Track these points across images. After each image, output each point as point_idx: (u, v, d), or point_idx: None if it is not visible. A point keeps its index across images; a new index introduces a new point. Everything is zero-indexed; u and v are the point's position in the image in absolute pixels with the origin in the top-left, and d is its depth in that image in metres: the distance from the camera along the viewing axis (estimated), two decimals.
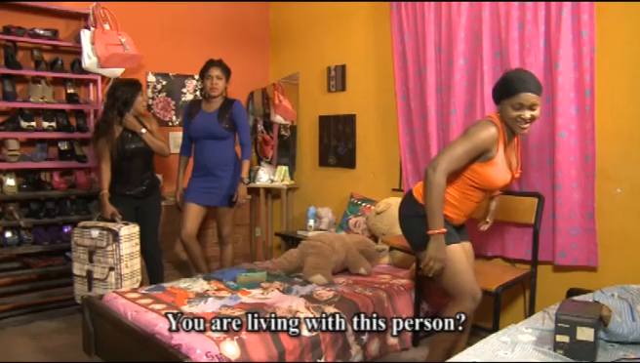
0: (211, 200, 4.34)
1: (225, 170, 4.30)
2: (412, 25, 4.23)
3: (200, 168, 4.35)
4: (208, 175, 4.30)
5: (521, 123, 2.65)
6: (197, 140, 4.34)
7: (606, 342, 2.46)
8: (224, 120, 4.27)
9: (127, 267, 3.81)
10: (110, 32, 4.49)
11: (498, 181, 2.78)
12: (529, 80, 2.66)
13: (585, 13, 3.28)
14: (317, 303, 3.24)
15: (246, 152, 4.36)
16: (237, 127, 4.31)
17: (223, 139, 4.28)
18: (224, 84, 4.34)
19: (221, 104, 4.32)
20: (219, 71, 4.29)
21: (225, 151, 4.32)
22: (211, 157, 4.28)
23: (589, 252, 3.40)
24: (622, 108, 3.28)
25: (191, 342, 2.65)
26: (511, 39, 3.60)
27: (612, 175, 3.33)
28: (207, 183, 4.30)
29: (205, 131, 4.27)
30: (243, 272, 3.84)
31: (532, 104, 2.62)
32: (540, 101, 2.67)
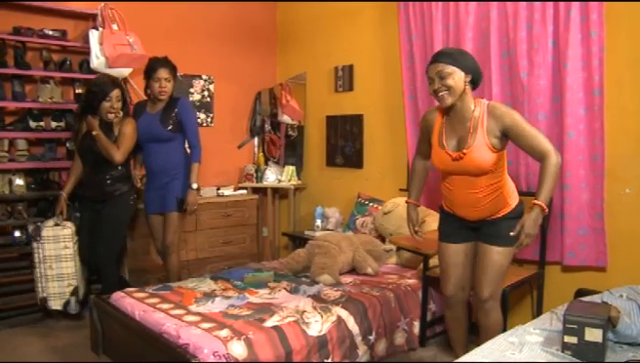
0: (159, 206, 4.06)
1: (173, 175, 4.02)
2: (419, 25, 4.22)
3: (149, 174, 4.10)
4: (157, 181, 4.03)
5: (435, 95, 2.70)
6: (143, 143, 4.04)
7: (614, 344, 2.45)
8: (168, 121, 3.97)
9: (52, 269, 3.79)
10: (118, 32, 4.51)
11: (436, 162, 2.86)
12: (435, 54, 2.75)
13: (594, 12, 3.26)
14: (324, 303, 3.24)
15: (194, 154, 4.03)
16: (184, 127, 4.02)
17: (169, 141, 3.99)
18: (173, 85, 4.06)
19: (166, 104, 4.03)
20: (167, 73, 3.98)
21: (172, 155, 4.02)
22: (157, 162, 4.02)
23: (598, 252, 3.38)
24: (632, 108, 3.26)
25: (198, 341, 2.65)
26: (519, 39, 3.59)
27: (620, 175, 3.31)
28: (158, 191, 4.03)
29: (148, 134, 3.97)
30: (250, 272, 3.85)
31: (438, 72, 2.64)
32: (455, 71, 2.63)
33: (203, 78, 5.42)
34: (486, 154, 2.66)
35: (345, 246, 3.89)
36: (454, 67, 2.63)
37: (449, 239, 2.98)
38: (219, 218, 5.04)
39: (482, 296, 2.89)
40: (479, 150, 2.66)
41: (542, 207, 2.55)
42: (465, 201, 2.82)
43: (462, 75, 2.65)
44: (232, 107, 5.66)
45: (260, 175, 5.53)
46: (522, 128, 2.61)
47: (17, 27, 4.20)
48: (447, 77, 2.62)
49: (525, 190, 3.64)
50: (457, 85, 2.64)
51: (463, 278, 2.99)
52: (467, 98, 2.71)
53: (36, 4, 4.27)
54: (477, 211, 2.81)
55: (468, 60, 2.70)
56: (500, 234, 2.78)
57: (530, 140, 2.60)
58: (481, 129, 2.66)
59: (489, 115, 2.67)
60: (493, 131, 2.65)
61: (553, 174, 2.56)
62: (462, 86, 2.66)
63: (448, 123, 2.80)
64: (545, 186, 2.55)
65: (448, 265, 2.99)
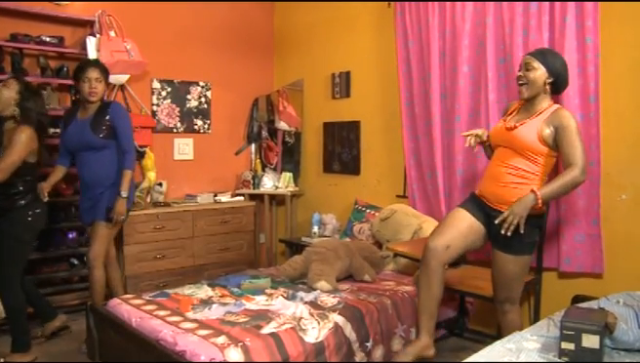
0: (91, 216, 3.77)
1: (107, 185, 3.73)
2: (416, 32, 4.23)
3: (82, 185, 3.82)
4: (90, 192, 3.74)
5: (517, 82, 2.90)
6: (75, 152, 3.77)
7: (611, 350, 2.45)
8: (100, 127, 3.67)
9: None
10: (116, 39, 4.52)
11: (492, 133, 3.08)
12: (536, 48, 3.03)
13: (590, 19, 3.28)
14: (321, 310, 3.23)
15: (127, 160, 3.72)
16: (117, 132, 3.72)
17: (101, 149, 3.70)
18: (104, 87, 3.77)
19: (97, 110, 3.73)
20: (97, 73, 3.68)
21: (105, 163, 3.73)
22: (89, 171, 3.73)
23: (594, 258, 3.39)
24: (627, 114, 3.27)
25: (195, 348, 2.65)
26: (515, 45, 3.61)
27: (616, 181, 3.32)
28: (90, 201, 3.76)
29: (79, 142, 3.70)
30: (247, 279, 3.84)
31: (526, 63, 2.85)
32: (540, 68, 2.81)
33: (200, 85, 5.43)
34: (533, 136, 2.78)
35: (342, 252, 3.88)
36: (540, 64, 2.81)
37: (464, 205, 3.03)
38: (216, 224, 5.03)
39: (498, 297, 3.00)
40: (529, 130, 2.79)
41: (537, 195, 2.66)
42: (495, 172, 2.91)
43: (545, 74, 2.82)
44: (229, 114, 5.67)
45: (258, 181, 5.53)
46: (569, 132, 2.71)
47: (14, 34, 4.21)
48: (530, 70, 2.81)
49: None
50: (536, 80, 2.81)
51: (455, 241, 2.92)
52: (544, 96, 2.86)
53: (34, 11, 4.28)
54: (495, 189, 2.88)
55: (557, 64, 2.85)
56: (512, 242, 2.80)
57: (569, 147, 2.71)
58: (541, 119, 2.80)
59: (553, 112, 2.80)
60: (548, 124, 2.77)
61: (566, 182, 2.69)
62: (542, 84, 2.82)
63: (520, 110, 2.97)
64: (552, 185, 2.70)
65: (448, 224, 2.97)
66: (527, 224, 2.74)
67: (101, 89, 3.72)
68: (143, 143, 4.88)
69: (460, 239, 2.93)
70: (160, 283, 4.57)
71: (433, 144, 4.10)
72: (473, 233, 2.96)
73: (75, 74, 3.73)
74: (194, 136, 5.42)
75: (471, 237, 2.96)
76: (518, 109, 2.99)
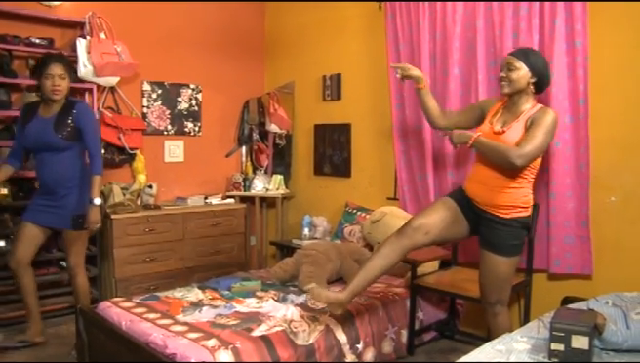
0: (52, 221, 3.63)
1: (69, 187, 3.58)
2: (407, 34, 4.25)
3: (42, 186, 3.65)
4: (50, 193, 3.58)
5: (499, 82, 2.89)
6: (34, 151, 3.64)
7: (601, 351, 2.46)
8: (63, 127, 3.51)
9: None
10: (106, 41, 4.50)
11: None
12: (517, 48, 3.07)
13: (579, 22, 3.30)
14: (312, 313, 3.23)
15: (95, 165, 3.59)
16: (82, 134, 3.57)
17: (64, 150, 3.54)
18: (68, 84, 3.58)
19: (61, 108, 3.57)
20: (61, 69, 3.51)
21: (67, 165, 3.57)
22: (50, 173, 3.56)
23: (584, 260, 3.40)
24: (616, 117, 3.30)
25: (186, 351, 2.64)
26: (506, 48, 3.62)
27: (606, 183, 3.34)
28: (49, 202, 3.59)
29: (39, 141, 3.53)
30: (238, 281, 3.83)
31: (508, 64, 2.83)
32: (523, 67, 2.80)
33: (191, 87, 5.42)
34: (520, 137, 2.76)
35: (333, 255, 3.88)
36: (522, 64, 2.80)
37: (453, 196, 3.05)
38: (206, 227, 5.02)
39: (489, 300, 2.97)
40: (517, 134, 2.77)
41: (473, 137, 2.80)
42: (483, 178, 2.89)
43: (528, 74, 2.81)
44: (220, 116, 5.66)
45: (248, 184, 5.52)
46: (537, 125, 2.71)
47: (2, 35, 4.18)
48: (513, 70, 2.80)
49: None
50: (519, 80, 2.81)
51: (435, 228, 2.90)
52: (526, 96, 2.86)
53: (23, 12, 4.25)
54: (488, 192, 2.86)
55: (539, 63, 2.84)
56: (501, 243, 2.84)
57: (528, 135, 2.70)
58: (523, 120, 2.80)
59: (536, 113, 2.79)
60: (529, 122, 2.78)
61: (502, 151, 2.70)
62: (524, 83, 2.82)
63: (504, 111, 2.94)
64: (491, 143, 2.77)
65: (435, 209, 2.98)
66: (515, 227, 2.80)
67: (65, 86, 3.55)
68: (134, 146, 4.86)
69: (442, 228, 2.93)
70: (150, 286, 4.54)
71: (424, 147, 4.11)
72: (456, 226, 2.98)
73: (37, 70, 3.56)
74: (185, 138, 5.41)
75: (453, 230, 2.98)
76: (501, 110, 2.96)
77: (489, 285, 2.94)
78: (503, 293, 2.96)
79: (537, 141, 2.67)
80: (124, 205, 4.53)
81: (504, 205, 2.81)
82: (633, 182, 3.25)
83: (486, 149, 2.78)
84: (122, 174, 4.93)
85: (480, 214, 2.90)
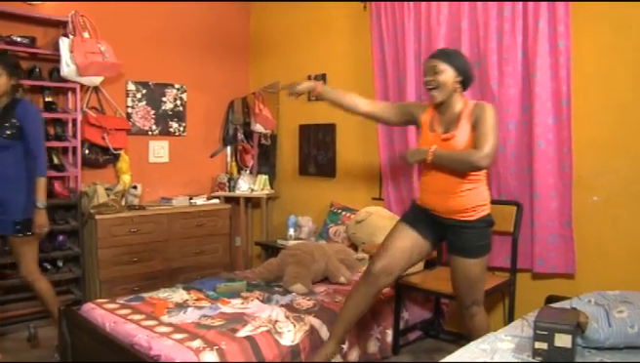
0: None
1: (10, 190, 3.42)
2: (391, 35, 4.26)
3: None
4: None
5: (426, 88, 2.82)
6: None
7: (583, 349, 2.49)
8: (5, 125, 3.38)
9: None
10: (89, 40, 4.47)
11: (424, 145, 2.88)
12: (436, 50, 2.99)
13: (561, 24, 3.33)
14: (297, 313, 3.23)
15: (38, 167, 3.46)
16: (25, 133, 3.43)
17: (4, 149, 3.41)
18: (7, 80, 3.42)
19: (3, 107, 3.44)
20: None
21: (8, 166, 3.42)
22: None
23: (567, 259, 3.44)
24: (598, 118, 3.33)
25: (170, 352, 2.63)
26: (490, 49, 3.65)
27: (588, 183, 3.38)
28: None
29: None
30: (223, 282, 3.82)
31: (432, 67, 2.78)
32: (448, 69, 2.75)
33: (175, 87, 5.39)
34: (470, 136, 2.73)
35: (318, 255, 3.88)
36: (447, 65, 2.76)
37: (406, 220, 2.98)
38: (191, 227, 4.99)
39: (465, 303, 2.94)
40: (464, 135, 2.73)
41: (430, 151, 2.71)
42: (441, 187, 2.80)
43: (454, 74, 2.77)
44: (205, 116, 5.64)
45: (233, 184, 5.50)
46: (483, 124, 2.66)
47: None
48: (440, 73, 2.75)
49: (496, 198, 3.69)
50: (447, 82, 2.76)
51: (396, 265, 2.91)
52: (457, 95, 2.81)
53: (4, 10, 4.19)
54: (449, 201, 2.79)
55: (462, 62, 2.81)
56: (471, 246, 2.80)
57: (481, 136, 2.65)
58: (466, 119, 2.75)
59: (472, 108, 2.76)
60: (472, 121, 2.74)
61: (462, 157, 2.66)
62: (452, 85, 2.77)
63: (438, 114, 2.89)
64: (451, 153, 2.70)
65: (391, 245, 2.94)
66: (481, 227, 2.79)
67: (3, 83, 3.39)
68: (118, 146, 4.83)
69: (404, 260, 2.93)
70: (135, 287, 4.51)
71: (409, 147, 4.12)
72: (419, 249, 2.95)
73: None
74: (169, 138, 5.38)
75: (416, 254, 2.96)
76: (437, 115, 2.89)
77: (463, 289, 2.91)
78: (478, 293, 2.93)
79: (491, 139, 2.62)
80: (108, 205, 4.49)
81: (466, 208, 2.77)
82: (615, 183, 3.28)
83: (446, 160, 2.70)
84: (106, 174, 4.89)
85: (444, 222, 2.86)
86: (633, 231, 3.22)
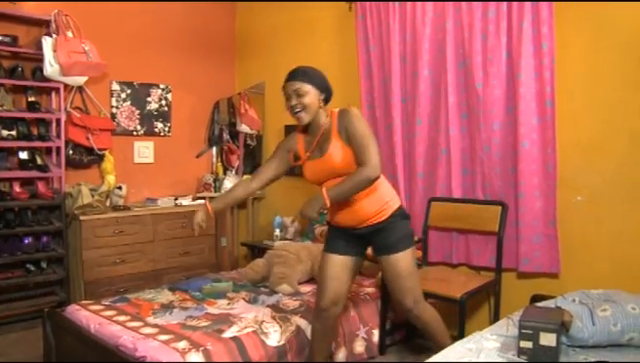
0: None
1: None
2: (377, 36, 4.27)
3: None
4: None
5: (292, 112, 2.77)
6: None
7: (568, 347, 2.51)
8: None
9: None
10: (73, 40, 4.43)
11: (308, 175, 2.94)
12: (291, 71, 2.81)
13: (545, 25, 3.35)
14: (283, 313, 3.23)
15: None
16: None
17: None
18: None
19: None
20: None
21: None
22: None
23: (552, 258, 3.46)
24: (581, 119, 3.36)
25: (156, 354, 2.62)
26: (474, 50, 3.67)
27: (572, 183, 3.40)
28: None
29: None
30: (209, 283, 3.81)
31: (295, 90, 2.72)
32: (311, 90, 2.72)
33: (160, 87, 5.37)
34: (342, 150, 2.71)
35: (304, 255, 3.88)
36: (310, 86, 2.72)
37: (330, 249, 2.96)
38: (176, 228, 4.97)
39: (407, 305, 2.88)
40: (338, 150, 2.72)
41: (324, 196, 2.61)
42: (342, 206, 2.80)
43: (317, 94, 2.75)
44: (190, 117, 5.62)
45: (219, 184, 5.48)
46: (355, 135, 2.64)
47: None
48: (304, 95, 2.71)
49: (481, 198, 3.71)
50: (312, 103, 2.73)
51: (339, 293, 2.92)
52: (321, 112, 2.80)
53: None
54: (356, 214, 2.79)
55: (322, 80, 2.80)
56: (392, 242, 2.80)
57: (359, 149, 2.63)
58: (334, 132, 2.74)
59: (338, 119, 2.74)
60: (341, 131, 2.72)
61: (355, 181, 2.60)
62: (317, 104, 2.75)
63: (308, 138, 2.89)
64: (343, 186, 2.63)
65: (326, 277, 2.93)
66: (396, 220, 2.81)
67: None
68: (103, 146, 4.79)
69: (342, 284, 2.93)
70: (120, 288, 4.48)
71: (394, 148, 4.14)
72: (349, 269, 2.94)
73: None
74: (155, 138, 5.35)
75: (350, 274, 2.96)
76: (307, 139, 2.89)
77: (399, 288, 2.85)
78: (416, 290, 2.88)
79: (371, 146, 2.61)
80: (93, 206, 4.46)
81: (374, 213, 2.77)
82: (598, 183, 3.31)
83: (344, 194, 2.64)
84: (90, 175, 4.85)
85: (363, 231, 2.85)
86: (616, 231, 3.25)
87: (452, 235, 3.90)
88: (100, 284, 4.46)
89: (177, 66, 5.48)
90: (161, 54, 5.36)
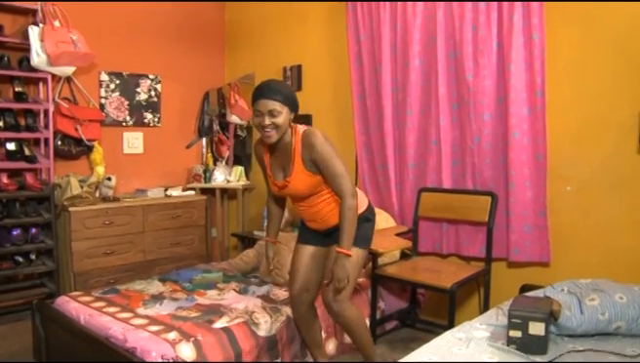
0: None
1: None
2: (367, 26, 4.25)
3: None
4: None
5: (262, 131, 2.69)
6: None
7: (556, 336, 2.53)
8: None
9: None
10: (61, 29, 4.38)
11: (273, 190, 2.94)
12: (264, 87, 2.71)
13: (535, 16, 3.35)
14: (274, 304, 3.23)
15: None
16: None
17: None
18: None
19: None
20: None
21: None
22: None
23: (542, 248, 3.48)
24: (571, 109, 3.37)
25: (146, 344, 2.61)
26: (465, 41, 3.66)
27: (562, 173, 3.42)
28: None
29: None
30: (199, 273, 3.81)
31: (270, 111, 2.64)
32: (284, 109, 2.66)
33: (150, 77, 5.33)
34: (306, 180, 2.74)
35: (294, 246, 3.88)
36: (284, 106, 2.66)
37: (300, 241, 3.06)
38: (166, 219, 4.95)
39: (328, 296, 2.84)
40: (299, 177, 2.73)
41: (345, 253, 2.65)
42: (310, 216, 2.92)
43: (289, 113, 2.70)
44: (180, 107, 5.59)
45: (209, 175, 5.47)
46: (326, 164, 2.67)
47: None
48: (278, 116, 2.65)
49: (471, 188, 3.72)
50: (284, 123, 2.67)
51: (309, 280, 2.97)
52: (288, 131, 2.76)
53: None
54: (322, 223, 2.89)
55: (294, 98, 2.75)
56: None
57: (330, 178, 2.69)
58: (297, 157, 2.72)
59: (302, 144, 2.72)
60: (306, 159, 2.71)
61: (349, 218, 2.65)
62: (288, 123, 2.71)
63: (273, 156, 2.87)
64: (344, 232, 2.66)
65: (296, 266, 3.01)
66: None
67: None
68: (91, 137, 4.76)
69: (312, 274, 2.99)
70: (110, 279, 4.47)
71: (385, 137, 4.14)
72: (318, 259, 3.00)
73: None
74: (144, 129, 5.33)
75: (320, 263, 3.00)
76: (269, 156, 2.89)
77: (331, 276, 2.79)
78: (345, 291, 2.79)
79: (339, 172, 2.67)
80: (82, 197, 4.43)
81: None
82: (587, 173, 3.33)
83: (351, 233, 2.67)
84: (79, 166, 4.82)
85: (330, 231, 2.88)
86: (605, 220, 3.27)
87: (442, 225, 3.91)
88: (89, 275, 4.44)
89: (166, 57, 5.45)
90: (150, 44, 5.32)
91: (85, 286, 4.25)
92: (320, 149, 2.67)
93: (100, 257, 4.50)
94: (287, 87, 2.82)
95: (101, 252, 4.51)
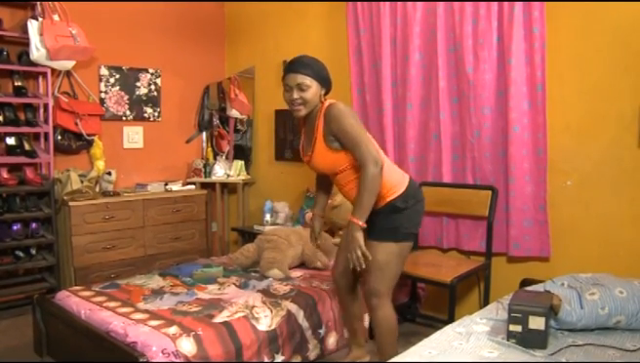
0: None
1: None
2: (367, 20, 4.24)
3: None
4: None
5: (291, 105, 2.69)
6: None
7: (556, 330, 2.53)
8: None
9: None
10: (60, 23, 4.37)
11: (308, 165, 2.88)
12: (295, 61, 2.72)
13: (536, 10, 3.34)
14: (274, 298, 3.23)
15: None
16: None
17: None
18: None
19: None
20: None
21: None
22: None
23: (542, 243, 3.48)
24: (571, 103, 3.36)
25: (147, 339, 2.61)
26: (465, 34, 3.65)
27: (562, 168, 3.41)
28: None
29: None
30: (199, 268, 3.81)
31: (298, 84, 2.64)
32: (314, 84, 2.65)
33: (150, 72, 5.32)
34: (327, 157, 2.70)
35: (295, 240, 3.88)
36: (313, 80, 2.65)
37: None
38: (167, 213, 4.95)
39: (365, 290, 2.84)
40: (319, 154, 2.71)
41: (355, 222, 2.55)
42: (348, 196, 2.83)
43: (319, 88, 2.68)
44: (180, 102, 5.58)
45: (209, 169, 5.46)
46: (344, 133, 2.58)
47: None
48: (306, 90, 2.64)
49: (471, 182, 3.72)
50: (313, 98, 2.66)
51: (346, 265, 2.78)
52: (318, 106, 2.73)
53: None
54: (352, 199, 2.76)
55: (325, 73, 2.73)
56: (376, 229, 2.73)
57: (352, 148, 2.58)
58: (319, 132, 2.69)
59: (324, 119, 2.67)
60: (327, 134, 2.66)
61: (369, 187, 2.52)
62: (318, 99, 2.69)
63: (304, 129, 2.87)
64: (359, 201, 2.55)
65: (341, 248, 3.04)
66: (385, 213, 2.72)
67: None
68: (91, 132, 4.76)
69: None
70: (110, 274, 4.47)
71: (384, 132, 4.13)
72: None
73: None
74: (144, 123, 5.32)
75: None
76: (303, 128, 2.87)
77: (368, 275, 2.77)
78: (380, 283, 2.76)
79: (361, 142, 2.55)
80: (82, 192, 4.43)
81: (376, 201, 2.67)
82: (587, 167, 3.32)
83: (366, 205, 2.55)
84: (79, 160, 4.82)
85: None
86: (605, 215, 3.27)
87: (442, 220, 3.91)
88: (90, 270, 4.44)
89: (166, 51, 5.43)
90: (150, 38, 5.30)
91: (85, 281, 4.25)
92: (337, 119, 2.59)
93: (100, 251, 4.50)
94: (318, 62, 2.76)
95: (102, 246, 4.51)
